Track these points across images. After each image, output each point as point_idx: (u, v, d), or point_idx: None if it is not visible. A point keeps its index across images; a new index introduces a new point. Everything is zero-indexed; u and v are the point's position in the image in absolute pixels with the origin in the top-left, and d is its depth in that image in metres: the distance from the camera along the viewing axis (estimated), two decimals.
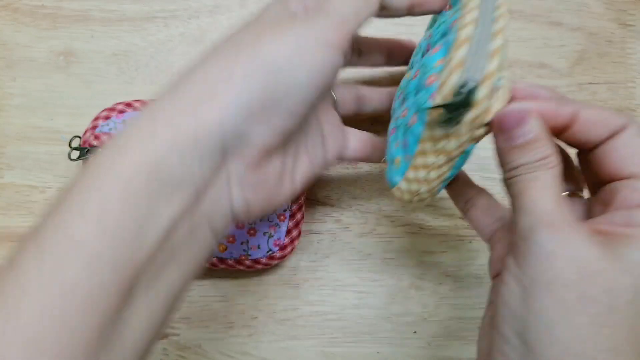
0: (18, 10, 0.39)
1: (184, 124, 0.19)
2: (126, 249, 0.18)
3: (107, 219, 0.17)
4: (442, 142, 0.21)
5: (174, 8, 0.39)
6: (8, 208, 0.38)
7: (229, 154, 0.20)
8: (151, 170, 0.18)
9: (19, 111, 0.38)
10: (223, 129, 0.19)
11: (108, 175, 0.18)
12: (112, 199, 0.18)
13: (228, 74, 0.20)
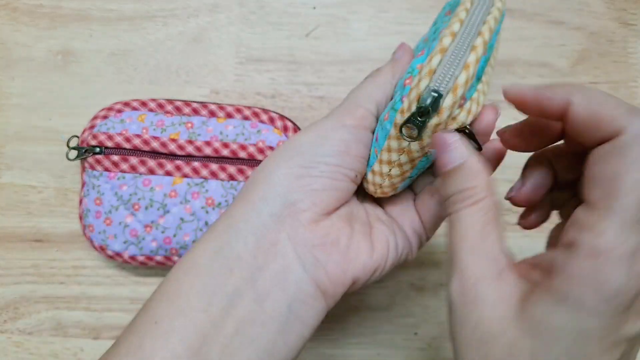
0: (17, 9, 0.39)
1: (238, 214, 0.24)
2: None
3: (183, 299, 0.22)
4: (406, 142, 0.22)
5: (173, 7, 0.39)
6: (7, 208, 0.38)
7: (283, 220, 0.23)
8: (213, 253, 0.23)
9: (18, 111, 0.38)
10: (267, 201, 0.23)
11: (186, 264, 0.23)
12: (186, 282, 0.22)
13: (267, 172, 0.24)
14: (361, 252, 0.24)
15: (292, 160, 0.24)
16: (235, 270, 0.22)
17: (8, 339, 0.37)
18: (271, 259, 0.23)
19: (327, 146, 0.24)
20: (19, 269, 0.37)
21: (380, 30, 0.39)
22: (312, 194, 0.24)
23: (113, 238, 0.34)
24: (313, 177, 0.24)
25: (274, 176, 0.24)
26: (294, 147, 0.25)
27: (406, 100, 0.21)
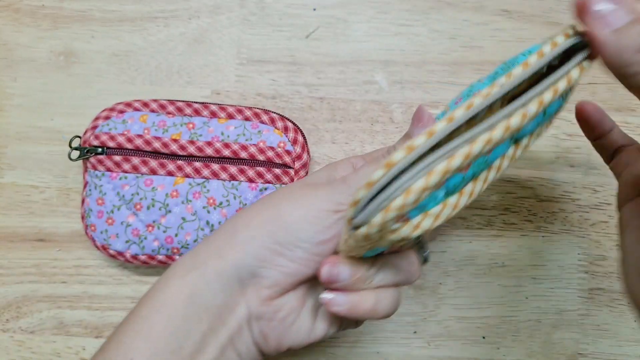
0: (19, 10, 0.39)
1: (210, 262, 0.25)
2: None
3: (155, 339, 0.23)
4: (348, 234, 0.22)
5: (174, 8, 0.39)
6: (9, 208, 0.38)
7: (246, 287, 0.25)
8: (187, 297, 0.24)
9: (20, 111, 0.38)
10: (238, 265, 0.24)
11: (157, 302, 0.24)
12: (159, 322, 0.24)
13: (248, 221, 0.25)
14: (302, 330, 0.26)
15: (273, 234, 0.24)
16: (204, 319, 0.24)
17: (10, 338, 0.37)
18: (230, 319, 0.25)
19: (311, 233, 0.24)
20: (21, 269, 0.37)
21: (380, 31, 0.39)
22: (280, 275, 0.25)
23: (115, 237, 0.34)
24: (287, 260, 0.25)
25: (252, 245, 0.24)
26: (279, 220, 0.25)
27: (352, 198, 0.20)
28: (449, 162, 0.17)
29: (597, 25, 0.19)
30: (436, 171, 0.17)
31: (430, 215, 0.20)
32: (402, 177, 0.18)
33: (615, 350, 0.37)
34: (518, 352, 0.37)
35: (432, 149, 0.18)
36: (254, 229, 0.25)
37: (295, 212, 0.25)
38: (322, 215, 0.25)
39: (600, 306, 0.38)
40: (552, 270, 0.38)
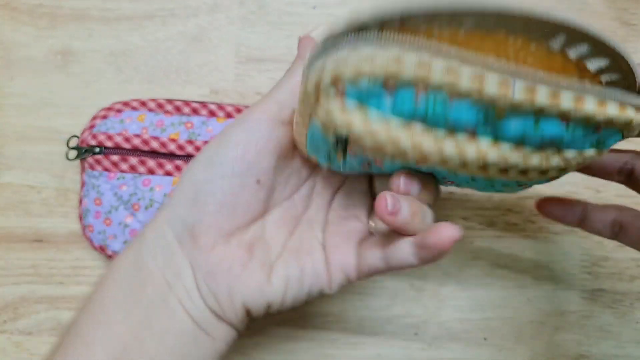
0: (16, 9, 0.39)
1: (149, 225, 0.24)
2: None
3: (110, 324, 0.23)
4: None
5: (173, 7, 0.39)
6: (6, 208, 0.37)
7: (184, 241, 0.23)
8: (132, 265, 0.23)
9: (17, 111, 0.38)
10: (170, 221, 0.23)
11: (109, 278, 0.24)
12: (110, 303, 0.23)
13: (186, 168, 0.24)
14: (252, 281, 0.23)
15: (193, 176, 0.23)
16: (149, 285, 0.23)
17: (8, 339, 0.37)
18: (176, 280, 0.23)
19: (222, 154, 0.23)
20: (18, 269, 0.37)
21: None
22: (208, 216, 0.23)
23: (113, 238, 0.34)
24: (209, 195, 0.23)
25: (179, 192, 0.23)
26: (202, 157, 0.23)
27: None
28: (397, 62, 0.16)
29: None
30: (379, 58, 0.16)
31: (366, 116, 0.18)
32: (352, 45, 0.17)
33: (618, 352, 0.37)
34: (520, 354, 0.37)
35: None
36: (179, 184, 0.24)
37: (211, 141, 0.24)
38: (235, 131, 0.23)
39: (603, 307, 0.37)
40: (555, 272, 0.37)
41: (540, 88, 0.16)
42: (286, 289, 0.24)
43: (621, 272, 0.37)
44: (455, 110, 0.17)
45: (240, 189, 0.23)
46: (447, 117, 0.18)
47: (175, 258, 0.23)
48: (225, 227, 0.23)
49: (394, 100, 0.18)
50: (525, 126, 0.17)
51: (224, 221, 0.23)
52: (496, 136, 0.18)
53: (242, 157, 0.23)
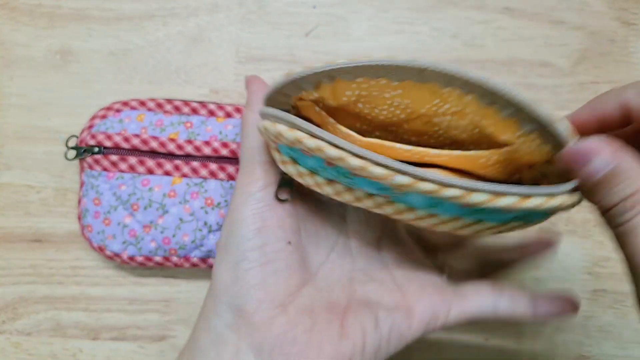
0: (16, 9, 0.39)
1: (197, 328, 0.24)
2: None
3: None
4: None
5: (173, 6, 0.39)
6: (5, 208, 0.37)
7: (239, 327, 0.22)
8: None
9: (17, 111, 0.38)
10: (218, 312, 0.23)
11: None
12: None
13: (215, 261, 0.24)
14: (325, 345, 0.22)
15: (223, 262, 0.23)
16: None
17: (7, 340, 0.36)
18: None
19: (244, 230, 0.23)
20: (17, 269, 0.37)
21: (380, 29, 0.39)
22: (253, 290, 0.22)
23: (112, 238, 0.33)
24: (246, 272, 0.22)
25: (216, 284, 0.23)
26: (221, 245, 0.24)
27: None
28: (292, 131, 0.20)
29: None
30: (286, 135, 0.20)
31: (297, 168, 0.22)
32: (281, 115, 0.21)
33: (619, 352, 0.37)
34: (521, 354, 0.37)
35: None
36: (214, 275, 0.24)
37: (225, 225, 0.24)
38: (245, 205, 0.23)
39: (604, 308, 0.37)
40: (555, 272, 0.37)
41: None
42: (364, 339, 0.22)
43: (622, 272, 0.37)
44: (357, 181, 0.20)
45: (275, 254, 0.23)
46: (355, 184, 0.21)
47: (229, 347, 0.22)
48: (276, 296, 0.22)
49: (312, 161, 0.21)
50: (430, 202, 0.19)
51: (273, 291, 0.22)
52: (406, 202, 0.20)
53: (264, 227, 0.23)
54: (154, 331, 0.36)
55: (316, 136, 0.19)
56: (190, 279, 0.37)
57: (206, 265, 0.34)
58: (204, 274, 0.37)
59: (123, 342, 0.36)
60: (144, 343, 0.36)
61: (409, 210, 0.21)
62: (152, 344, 0.36)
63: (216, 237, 0.33)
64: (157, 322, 0.37)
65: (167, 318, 0.37)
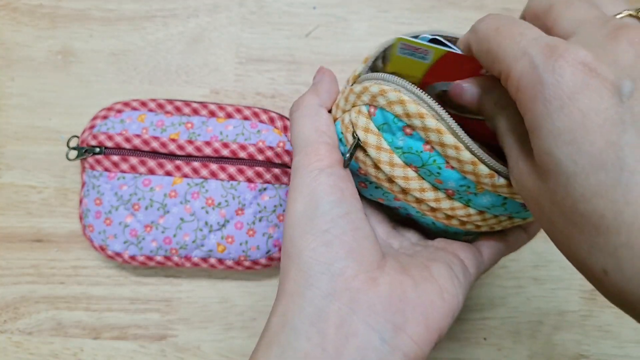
0: (17, 9, 0.39)
1: (289, 306, 0.22)
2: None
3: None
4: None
5: (173, 7, 0.39)
6: (7, 208, 0.38)
7: (340, 295, 0.21)
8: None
9: (18, 111, 0.38)
10: (312, 285, 0.22)
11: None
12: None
13: (291, 241, 0.23)
14: (434, 298, 0.22)
15: (308, 234, 0.22)
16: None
17: (8, 339, 0.37)
18: (342, 344, 0.20)
19: (325, 200, 0.22)
20: (19, 269, 0.37)
21: (380, 30, 0.39)
22: (351, 253, 0.21)
23: (113, 238, 0.34)
24: (339, 237, 0.22)
25: (304, 256, 0.22)
26: (298, 219, 0.23)
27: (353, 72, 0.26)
28: (421, 118, 0.21)
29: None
30: (411, 107, 0.21)
31: (380, 142, 0.23)
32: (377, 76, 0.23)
33: (617, 352, 0.37)
34: (519, 353, 0.37)
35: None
36: (299, 251, 0.22)
37: (299, 204, 0.23)
38: (317, 180, 0.23)
39: (602, 307, 0.37)
40: (554, 271, 0.38)
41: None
42: (456, 289, 0.23)
43: None
44: (446, 174, 0.22)
45: (360, 222, 0.23)
46: (438, 175, 0.22)
47: (331, 319, 0.20)
48: (373, 259, 0.22)
49: (405, 141, 0.22)
50: (493, 201, 0.23)
51: (369, 254, 0.22)
52: (468, 201, 0.23)
53: (343, 196, 0.23)
54: (154, 330, 0.37)
55: (442, 120, 0.21)
56: (191, 278, 0.37)
57: (207, 264, 0.34)
58: (205, 273, 0.37)
59: (124, 342, 0.37)
60: (145, 342, 0.37)
61: (464, 207, 0.23)
62: (153, 343, 0.37)
63: (217, 237, 0.33)
64: (158, 321, 0.37)
65: (168, 317, 0.37)
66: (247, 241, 0.33)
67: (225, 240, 0.33)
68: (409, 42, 0.23)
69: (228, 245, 0.33)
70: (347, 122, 0.24)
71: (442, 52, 0.23)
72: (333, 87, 0.26)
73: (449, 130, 0.21)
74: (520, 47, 0.18)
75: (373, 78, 0.23)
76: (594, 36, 0.17)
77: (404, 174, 0.23)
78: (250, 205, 0.33)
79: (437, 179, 0.23)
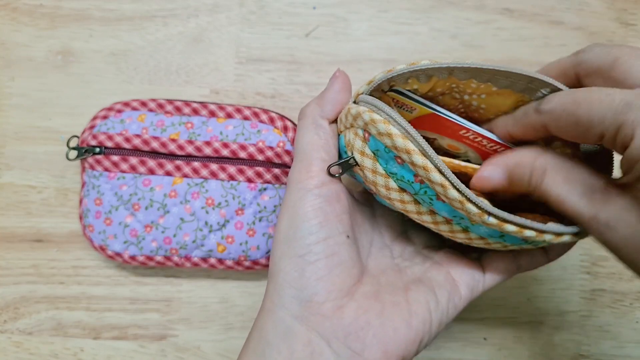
0: (17, 9, 0.39)
1: (262, 320, 0.24)
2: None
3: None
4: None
5: (173, 7, 0.39)
6: (7, 208, 0.38)
7: (308, 318, 0.22)
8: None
9: (18, 111, 0.38)
10: (285, 305, 0.23)
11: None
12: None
13: (273, 256, 0.25)
14: (398, 325, 0.23)
15: (285, 256, 0.23)
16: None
17: (8, 339, 0.37)
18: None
19: (305, 225, 0.23)
20: (19, 269, 0.37)
21: (380, 30, 0.39)
22: (321, 282, 0.23)
23: (113, 238, 0.34)
24: (312, 264, 0.23)
25: (279, 278, 0.23)
26: (281, 239, 0.24)
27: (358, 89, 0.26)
28: (408, 153, 0.21)
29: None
30: (398, 141, 0.21)
31: (375, 165, 0.24)
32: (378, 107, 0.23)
33: (617, 352, 0.37)
34: (519, 353, 0.37)
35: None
36: (276, 271, 0.24)
37: (283, 222, 0.24)
38: (303, 200, 0.24)
39: (602, 307, 0.37)
40: (554, 271, 0.38)
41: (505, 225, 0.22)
42: (430, 314, 0.24)
43: (620, 272, 0.37)
44: (438, 205, 0.23)
45: (337, 247, 0.23)
46: (431, 204, 0.23)
47: (300, 338, 0.22)
48: (343, 286, 0.23)
49: (398, 169, 0.23)
50: (490, 232, 0.23)
51: (340, 281, 0.23)
52: (467, 227, 0.24)
53: (326, 220, 0.23)
54: (154, 330, 0.37)
55: (428, 157, 0.21)
56: (191, 278, 0.37)
57: (207, 264, 0.34)
58: (205, 273, 0.37)
59: (124, 342, 0.37)
60: (145, 342, 0.37)
61: (463, 231, 0.24)
62: (153, 343, 0.37)
63: (217, 237, 0.33)
64: (158, 321, 0.37)
65: (168, 317, 0.37)
66: (247, 241, 0.33)
67: (225, 240, 0.33)
68: (398, 98, 0.25)
69: (228, 245, 0.33)
70: (348, 140, 0.25)
71: (427, 111, 0.25)
72: (340, 96, 0.26)
73: (436, 169, 0.21)
74: (616, 104, 0.18)
75: (368, 102, 0.23)
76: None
77: (400, 198, 0.24)
78: (250, 205, 0.33)
79: (430, 208, 0.24)
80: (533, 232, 0.22)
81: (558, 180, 0.21)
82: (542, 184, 0.21)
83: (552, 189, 0.21)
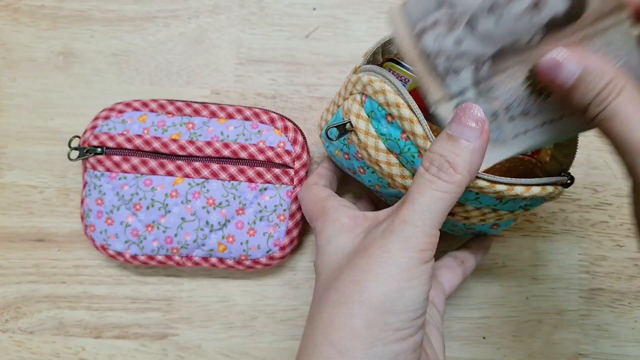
0: (18, 10, 0.39)
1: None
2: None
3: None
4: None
5: (174, 8, 0.39)
6: (8, 208, 0.38)
7: None
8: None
9: (19, 111, 0.38)
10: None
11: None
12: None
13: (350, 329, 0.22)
14: None
15: (376, 326, 0.21)
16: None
17: (10, 338, 0.37)
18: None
19: (409, 299, 0.22)
20: (20, 269, 0.37)
21: (379, 31, 0.39)
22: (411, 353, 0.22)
23: (114, 238, 0.34)
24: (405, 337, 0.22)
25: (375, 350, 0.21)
26: (371, 304, 0.21)
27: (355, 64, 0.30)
28: (397, 107, 0.24)
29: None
30: (391, 97, 0.25)
31: (368, 127, 0.26)
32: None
33: (616, 351, 0.37)
34: (518, 352, 0.37)
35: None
36: (358, 331, 0.21)
37: (382, 287, 0.21)
38: (420, 275, 0.22)
39: (601, 306, 0.37)
40: (553, 271, 0.38)
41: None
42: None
43: (619, 271, 0.38)
44: (418, 162, 0.25)
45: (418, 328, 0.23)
46: (413, 163, 0.26)
47: None
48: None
49: (387, 128, 0.26)
50: (467, 195, 0.26)
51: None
52: None
53: (429, 300, 0.25)
54: (156, 329, 0.37)
55: (413, 111, 0.24)
56: (192, 277, 0.37)
57: (208, 264, 0.34)
58: (206, 272, 0.37)
59: (125, 341, 0.37)
60: (146, 341, 0.37)
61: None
62: (154, 342, 0.37)
63: (217, 236, 0.33)
64: (159, 320, 0.37)
65: (170, 316, 0.37)
66: (247, 241, 0.34)
67: (226, 239, 0.33)
68: (395, 69, 0.28)
69: (229, 244, 0.34)
70: (346, 109, 0.28)
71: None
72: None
73: (419, 121, 0.24)
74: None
75: (367, 70, 0.26)
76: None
77: (386, 159, 0.26)
78: (251, 204, 0.33)
79: (412, 167, 0.26)
80: (521, 189, 0.25)
81: (633, 105, 0.19)
82: (613, 101, 0.19)
83: (622, 111, 0.19)
